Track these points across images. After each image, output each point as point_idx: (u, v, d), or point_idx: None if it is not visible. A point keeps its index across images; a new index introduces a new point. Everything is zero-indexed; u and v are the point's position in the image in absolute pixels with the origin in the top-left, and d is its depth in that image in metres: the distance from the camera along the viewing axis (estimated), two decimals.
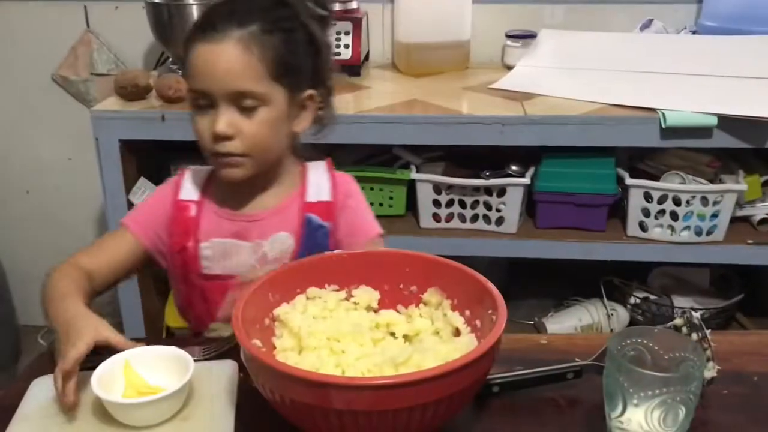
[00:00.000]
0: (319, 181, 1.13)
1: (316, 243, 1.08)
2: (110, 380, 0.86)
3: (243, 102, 1.00)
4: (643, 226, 1.77)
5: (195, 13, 1.84)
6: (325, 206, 1.11)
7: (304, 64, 1.05)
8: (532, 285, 2.11)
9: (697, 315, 0.88)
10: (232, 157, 1.02)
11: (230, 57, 0.98)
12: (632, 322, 1.98)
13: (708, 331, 0.88)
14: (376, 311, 0.95)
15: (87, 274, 1.04)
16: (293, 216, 1.10)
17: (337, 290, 0.94)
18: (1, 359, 2.30)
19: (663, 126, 1.62)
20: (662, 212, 1.74)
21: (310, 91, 1.07)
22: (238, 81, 0.99)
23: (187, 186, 1.13)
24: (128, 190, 1.79)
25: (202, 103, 1.01)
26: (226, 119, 0.99)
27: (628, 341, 0.81)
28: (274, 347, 0.87)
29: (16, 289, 2.43)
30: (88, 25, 2.20)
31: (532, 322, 2.04)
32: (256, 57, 0.99)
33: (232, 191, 1.10)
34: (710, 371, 0.87)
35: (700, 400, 0.85)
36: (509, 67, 2.03)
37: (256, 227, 1.09)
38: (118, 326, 1.97)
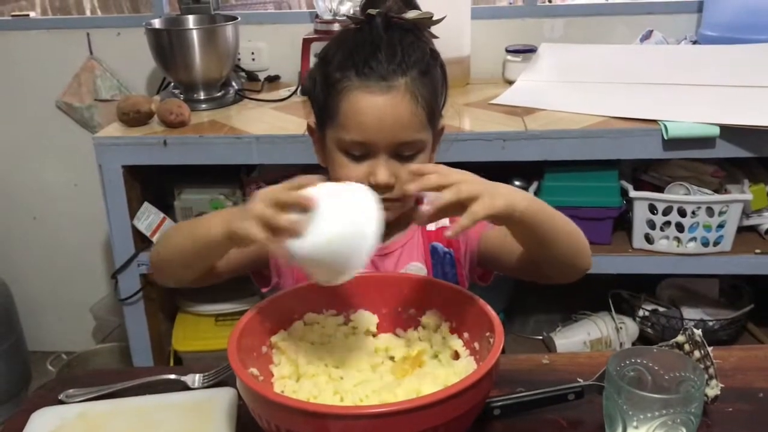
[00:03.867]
0: None
1: (444, 270, 1.05)
2: None
3: (404, 151, 0.96)
4: (649, 238, 1.75)
5: (195, 38, 1.86)
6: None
7: (442, 100, 1.02)
8: (540, 300, 2.10)
9: (698, 332, 0.87)
10: (385, 202, 0.96)
11: (400, 109, 0.93)
12: (641, 335, 1.96)
13: (710, 348, 0.87)
14: (374, 335, 0.94)
15: None
16: (419, 246, 1.07)
17: (335, 315, 0.94)
18: (12, 386, 2.30)
19: (665, 137, 1.61)
20: (668, 224, 1.72)
21: (442, 124, 1.04)
22: (406, 132, 0.95)
23: None
24: (132, 215, 1.79)
25: (357, 151, 0.96)
26: (388, 169, 0.96)
27: (628, 362, 0.80)
28: (272, 375, 0.86)
29: (25, 315, 2.44)
30: (91, 52, 2.22)
31: (540, 337, 2.03)
32: (420, 105, 0.95)
33: None
34: (714, 389, 0.86)
35: (704, 419, 0.84)
36: (510, 82, 2.03)
37: (390, 259, 1.06)
38: (125, 351, 1.99)
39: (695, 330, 0.87)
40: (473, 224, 0.79)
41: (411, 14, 0.98)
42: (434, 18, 1.00)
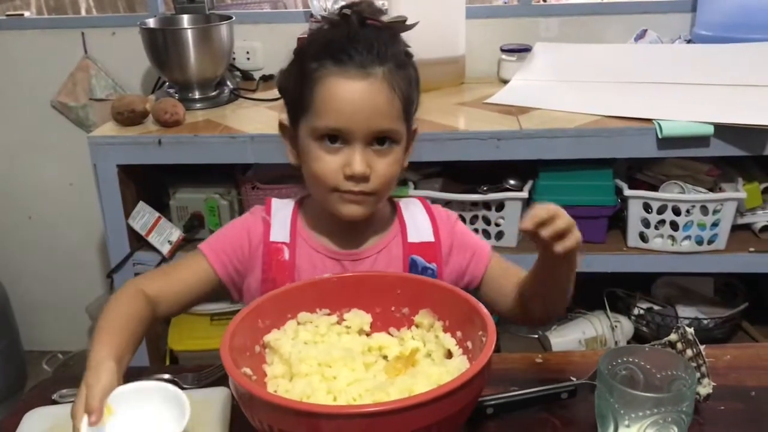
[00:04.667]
0: (417, 220, 1.08)
1: None
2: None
3: (380, 141, 0.96)
4: (643, 237, 1.76)
5: (190, 37, 1.86)
6: (429, 247, 1.06)
7: (416, 101, 1.02)
8: None
9: (691, 330, 0.87)
10: (360, 195, 0.97)
11: (378, 95, 0.93)
12: (636, 333, 1.97)
13: (703, 347, 0.87)
14: (368, 334, 0.94)
15: (150, 301, 0.99)
16: (397, 256, 1.05)
17: (329, 314, 0.94)
18: (7, 386, 2.30)
19: (659, 136, 1.61)
20: (662, 222, 1.73)
21: (415, 125, 1.04)
22: (383, 120, 0.95)
23: (276, 225, 1.05)
24: (127, 214, 1.79)
25: (332, 140, 0.95)
26: (364, 159, 0.95)
27: (620, 360, 0.80)
28: (266, 375, 0.86)
29: (20, 315, 2.44)
30: (86, 52, 2.22)
31: (536, 336, 2.03)
32: (396, 95, 0.95)
33: (332, 229, 1.05)
34: (706, 388, 0.86)
35: (696, 417, 0.85)
36: (505, 82, 2.04)
37: (363, 265, 1.04)
38: None
39: (687, 328, 0.88)
40: (577, 246, 0.87)
41: (385, 17, 0.99)
42: (408, 23, 1.01)
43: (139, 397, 0.84)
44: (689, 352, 0.87)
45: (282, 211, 1.07)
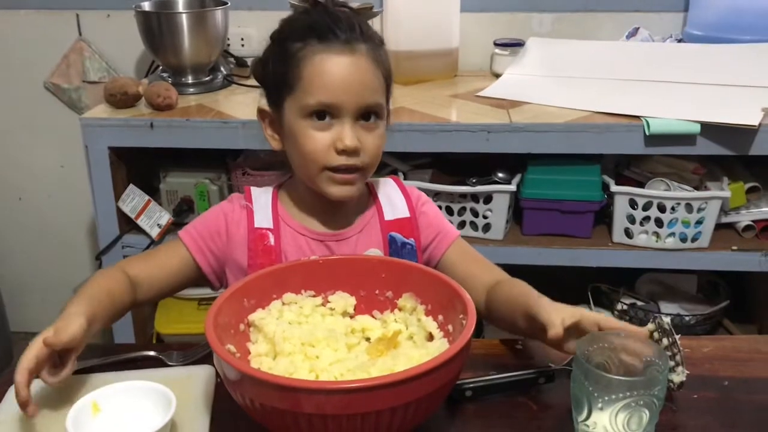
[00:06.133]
0: (392, 198, 1.12)
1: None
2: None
3: (367, 116, 0.99)
4: (628, 233, 1.78)
5: (185, 21, 1.86)
6: (406, 222, 1.10)
7: (391, 81, 1.05)
8: None
9: (667, 320, 0.89)
10: (350, 174, 0.99)
11: (365, 70, 0.97)
12: None
13: (678, 336, 0.89)
14: (352, 317, 0.96)
15: (131, 282, 1.02)
16: (376, 234, 1.08)
17: (314, 296, 0.96)
18: None
19: (647, 133, 1.63)
20: (647, 219, 1.75)
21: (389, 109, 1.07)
22: (372, 94, 0.98)
23: (258, 212, 1.07)
24: (117, 197, 1.80)
25: (321, 117, 0.97)
26: (354, 133, 0.97)
27: (596, 346, 0.82)
28: (249, 353, 0.88)
29: (8, 296, 2.44)
30: (80, 34, 2.22)
31: None
32: (379, 70, 0.99)
33: (316, 211, 1.07)
34: (680, 375, 0.88)
35: (669, 404, 0.87)
36: (497, 75, 2.05)
37: (346, 245, 1.07)
38: (108, 333, 2.00)
39: (664, 318, 0.89)
40: None
41: (353, 4, 1.03)
42: (373, 10, 1.04)
43: (126, 396, 0.86)
44: (665, 341, 0.89)
45: (262, 197, 1.09)
